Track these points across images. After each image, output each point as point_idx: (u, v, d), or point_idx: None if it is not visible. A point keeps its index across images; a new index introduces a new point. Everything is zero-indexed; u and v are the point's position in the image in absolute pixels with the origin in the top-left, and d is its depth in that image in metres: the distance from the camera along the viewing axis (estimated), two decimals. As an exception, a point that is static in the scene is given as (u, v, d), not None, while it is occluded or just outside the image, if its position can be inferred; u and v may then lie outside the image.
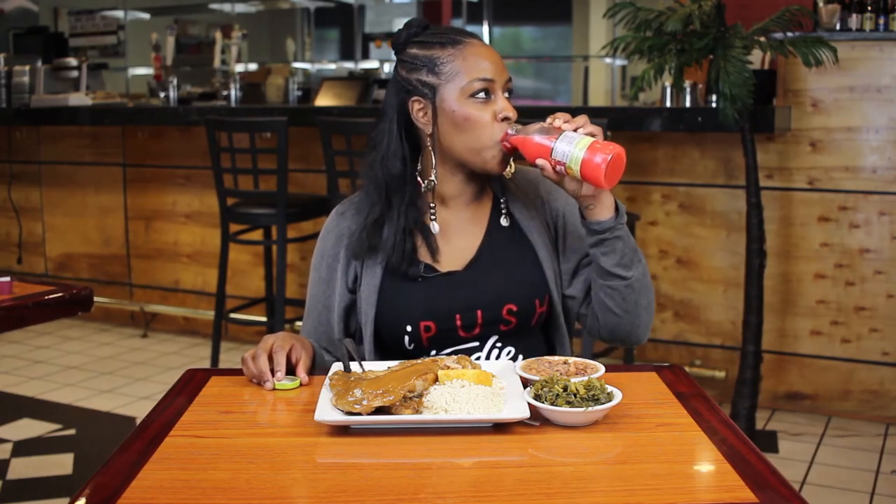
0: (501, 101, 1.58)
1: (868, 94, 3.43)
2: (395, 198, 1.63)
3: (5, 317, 2.08)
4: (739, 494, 1.07)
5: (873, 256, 3.48)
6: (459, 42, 1.60)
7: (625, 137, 3.72)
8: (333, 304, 1.69)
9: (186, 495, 1.10)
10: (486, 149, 1.58)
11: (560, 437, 1.25)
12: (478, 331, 1.63)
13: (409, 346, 1.62)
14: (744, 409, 3.26)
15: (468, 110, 1.57)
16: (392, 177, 1.63)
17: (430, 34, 1.63)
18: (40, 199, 5.19)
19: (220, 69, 6.37)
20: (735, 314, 3.59)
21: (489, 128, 1.57)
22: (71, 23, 8.54)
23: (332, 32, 10.49)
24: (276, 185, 3.75)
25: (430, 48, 1.61)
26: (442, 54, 1.59)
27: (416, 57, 1.62)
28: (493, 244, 1.67)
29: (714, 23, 3.12)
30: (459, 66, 1.58)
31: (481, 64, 1.58)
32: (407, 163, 1.64)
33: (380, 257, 1.64)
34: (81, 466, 3.15)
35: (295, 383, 1.47)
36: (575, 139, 1.48)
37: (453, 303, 1.62)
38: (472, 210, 1.69)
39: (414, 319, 1.61)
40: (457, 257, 1.66)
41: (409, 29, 1.66)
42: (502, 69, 1.60)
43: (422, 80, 1.60)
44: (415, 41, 1.64)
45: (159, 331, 4.91)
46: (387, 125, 1.65)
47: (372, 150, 1.67)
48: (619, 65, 8.22)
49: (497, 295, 1.62)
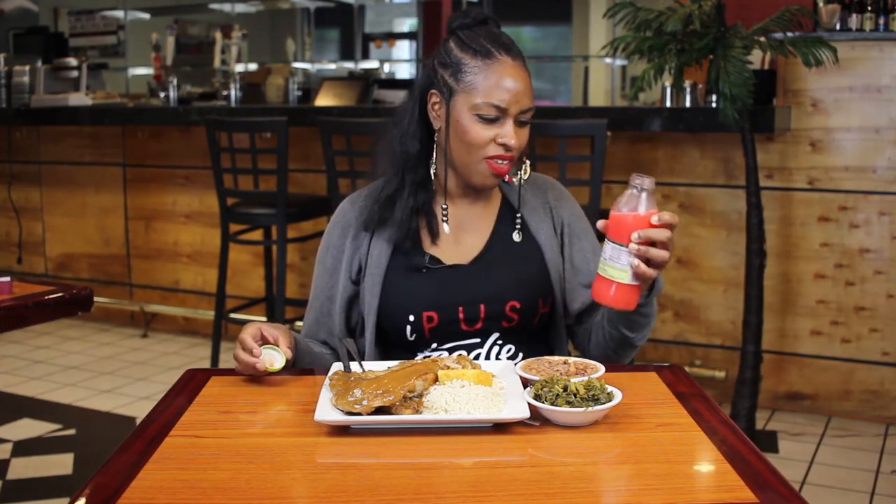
0: (507, 128, 1.57)
1: (868, 94, 3.43)
2: (408, 176, 1.67)
3: (5, 317, 2.08)
4: (739, 494, 1.07)
5: (873, 256, 3.48)
6: (490, 56, 1.58)
7: (625, 137, 3.72)
8: (336, 294, 1.71)
9: (186, 495, 1.10)
10: (472, 164, 1.60)
11: (560, 437, 1.25)
12: (480, 325, 1.64)
13: (410, 336, 1.63)
14: (744, 409, 3.26)
15: (470, 126, 1.58)
16: (409, 155, 1.66)
17: (475, 35, 1.61)
18: (40, 199, 5.19)
19: (220, 69, 6.38)
20: (735, 314, 3.59)
21: (483, 147, 1.58)
22: (71, 23, 8.55)
23: (332, 32, 10.50)
24: (276, 185, 3.75)
25: (464, 50, 1.60)
26: (470, 62, 1.59)
27: (450, 52, 1.62)
28: (499, 241, 1.69)
29: (714, 23, 3.12)
30: (480, 81, 1.57)
31: (500, 87, 1.56)
32: (423, 144, 1.67)
33: (385, 248, 1.66)
34: (81, 466, 3.15)
35: (282, 361, 1.48)
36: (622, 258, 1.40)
37: (457, 295, 1.63)
38: (481, 206, 1.71)
39: (417, 309, 1.62)
40: (463, 251, 1.68)
41: (465, 17, 1.64)
42: (522, 97, 1.57)
43: (445, 78, 1.61)
44: (462, 32, 1.62)
45: (159, 331, 4.91)
46: (410, 104, 1.68)
47: (394, 126, 1.69)
48: (619, 65, 8.22)
49: (501, 290, 1.64)
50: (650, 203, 1.39)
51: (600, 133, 3.06)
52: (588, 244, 1.73)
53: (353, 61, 8.84)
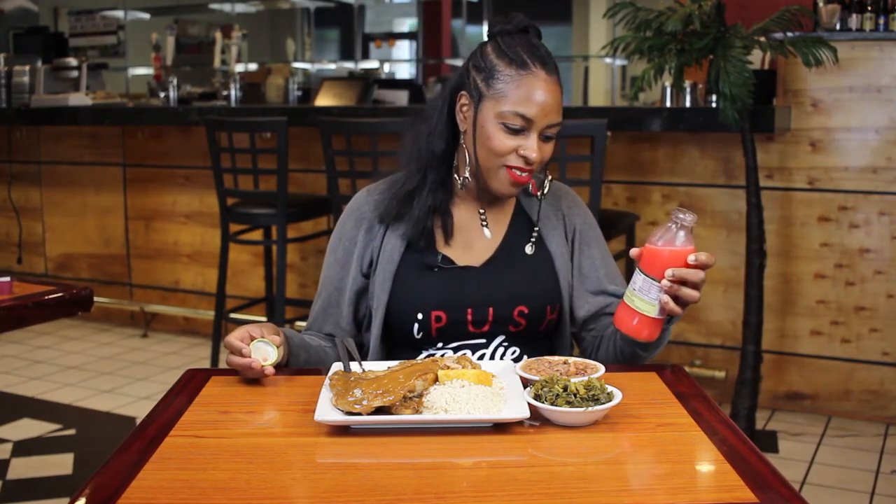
0: (531, 142, 1.57)
1: (868, 94, 3.43)
2: (430, 174, 1.67)
3: (5, 317, 2.08)
4: (739, 494, 1.07)
5: (873, 256, 3.48)
6: (525, 67, 1.57)
7: (625, 137, 3.72)
8: (346, 286, 1.71)
9: (186, 495, 1.10)
10: (492, 169, 1.60)
11: (560, 437, 1.25)
12: (487, 328, 1.64)
13: (416, 334, 1.63)
14: (744, 409, 3.26)
15: (494, 133, 1.58)
16: (433, 154, 1.66)
17: (513, 42, 1.61)
18: (40, 199, 5.19)
19: (220, 69, 6.38)
20: (735, 314, 3.59)
21: (503, 156, 1.58)
22: (71, 23, 8.55)
23: (332, 32, 10.50)
24: (276, 185, 3.75)
25: (500, 56, 1.60)
26: (504, 70, 1.58)
27: (486, 56, 1.61)
28: (511, 246, 1.70)
29: (714, 23, 3.12)
30: (511, 91, 1.56)
31: (530, 99, 1.55)
32: (449, 144, 1.67)
33: (398, 243, 1.67)
34: (81, 466, 3.15)
35: (274, 352, 1.48)
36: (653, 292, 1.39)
37: (467, 296, 1.64)
38: (496, 211, 1.72)
39: (426, 308, 1.63)
40: (475, 254, 1.68)
41: (507, 24, 1.64)
42: (550, 112, 1.57)
43: (476, 81, 1.61)
44: (501, 38, 1.62)
45: (159, 331, 4.91)
46: (440, 103, 1.68)
47: (422, 121, 1.70)
48: (619, 65, 8.23)
49: (510, 295, 1.65)
50: (688, 240, 1.38)
51: (600, 133, 3.06)
52: (597, 251, 1.74)
53: (353, 61, 8.84)
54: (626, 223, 3.48)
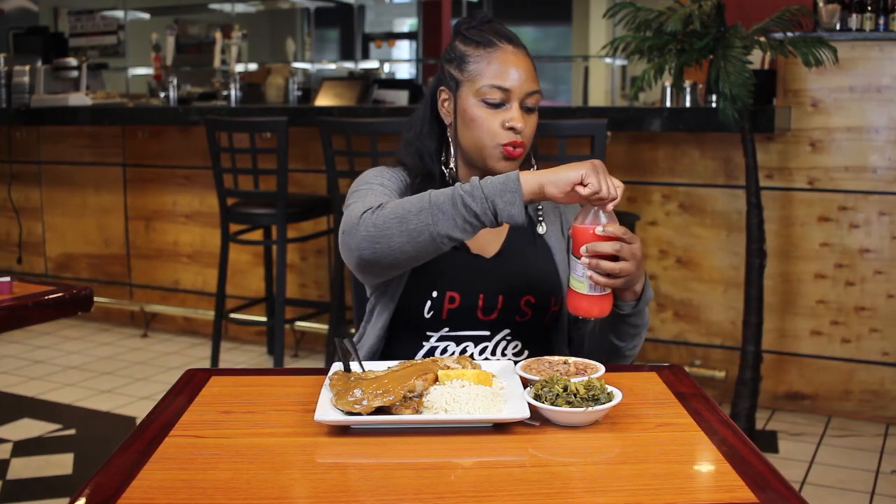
0: (513, 112, 1.61)
1: (868, 94, 3.43)
2: (435, 170, 1.71)
3: (5, 317, 2.08)
4: (739, 494, 1.07)
5: (873, 256, 3.48)
6: (492, 45, 1.63)
7: (625, 137, 3.72)
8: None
9: (186, 495, 1.10)
10: (485, 148, 1.63)
11: (560, 437, 1.25)
12: (495, 315, 1.67)
13: (427, 313, 1.65)
14: (744, 409, 3.26)
15: (476, 112, 1.62)
16: (429, 153, 1.70)
17: (476, 30, 1.66)
18: (40, 199, 5.19)
19: (220, 69, 6.38)
20: (735, 314, 3.59)
21: (492, 131, 1.61)
22: (71, 23, 8.55)
23: (332, 32, 10.51)
24: (276, 185, 3.75)
25: (467, 44, 1.65)
26: (472, 53, 1.64)
27: (454, 49, 1.67)
28: (516, 240, 1.73)
29: (714, 23, 3.12)
30: (483, 68, 1.61)
31: (503, 71, 1.60)
32: (440, 141, 1.71)
33: None
34: (81, 466, 3.15)
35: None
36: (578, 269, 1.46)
37: (480, 282, 1.67)
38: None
39: (442, 287, 1.65)
40: (483, 245, 1.71)
41: (471, 21, 1.69)
42: (526, 81, 1.61)
43: (451, 73, 1.66)
44: (466, 32, 1.67)
45: (159, 331, 4.91)
46: (422, 107, 1.73)
47: (408, 130, 1.74)
48: (619, 65, 8.23)
49: (519, 284, 1.68)
50: (597, 216, 1.46)
51: (600, 133, 3.06)
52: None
53: (353, 61, 8.85)
54: (626, 223, 3.48)
